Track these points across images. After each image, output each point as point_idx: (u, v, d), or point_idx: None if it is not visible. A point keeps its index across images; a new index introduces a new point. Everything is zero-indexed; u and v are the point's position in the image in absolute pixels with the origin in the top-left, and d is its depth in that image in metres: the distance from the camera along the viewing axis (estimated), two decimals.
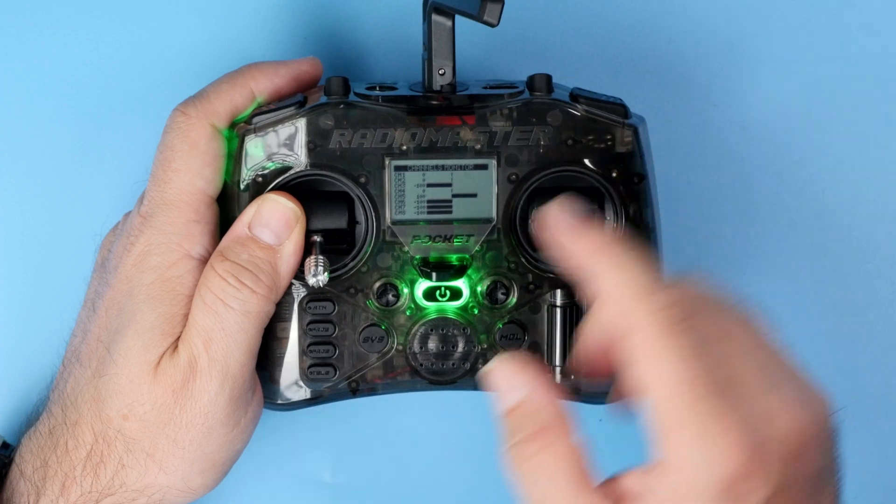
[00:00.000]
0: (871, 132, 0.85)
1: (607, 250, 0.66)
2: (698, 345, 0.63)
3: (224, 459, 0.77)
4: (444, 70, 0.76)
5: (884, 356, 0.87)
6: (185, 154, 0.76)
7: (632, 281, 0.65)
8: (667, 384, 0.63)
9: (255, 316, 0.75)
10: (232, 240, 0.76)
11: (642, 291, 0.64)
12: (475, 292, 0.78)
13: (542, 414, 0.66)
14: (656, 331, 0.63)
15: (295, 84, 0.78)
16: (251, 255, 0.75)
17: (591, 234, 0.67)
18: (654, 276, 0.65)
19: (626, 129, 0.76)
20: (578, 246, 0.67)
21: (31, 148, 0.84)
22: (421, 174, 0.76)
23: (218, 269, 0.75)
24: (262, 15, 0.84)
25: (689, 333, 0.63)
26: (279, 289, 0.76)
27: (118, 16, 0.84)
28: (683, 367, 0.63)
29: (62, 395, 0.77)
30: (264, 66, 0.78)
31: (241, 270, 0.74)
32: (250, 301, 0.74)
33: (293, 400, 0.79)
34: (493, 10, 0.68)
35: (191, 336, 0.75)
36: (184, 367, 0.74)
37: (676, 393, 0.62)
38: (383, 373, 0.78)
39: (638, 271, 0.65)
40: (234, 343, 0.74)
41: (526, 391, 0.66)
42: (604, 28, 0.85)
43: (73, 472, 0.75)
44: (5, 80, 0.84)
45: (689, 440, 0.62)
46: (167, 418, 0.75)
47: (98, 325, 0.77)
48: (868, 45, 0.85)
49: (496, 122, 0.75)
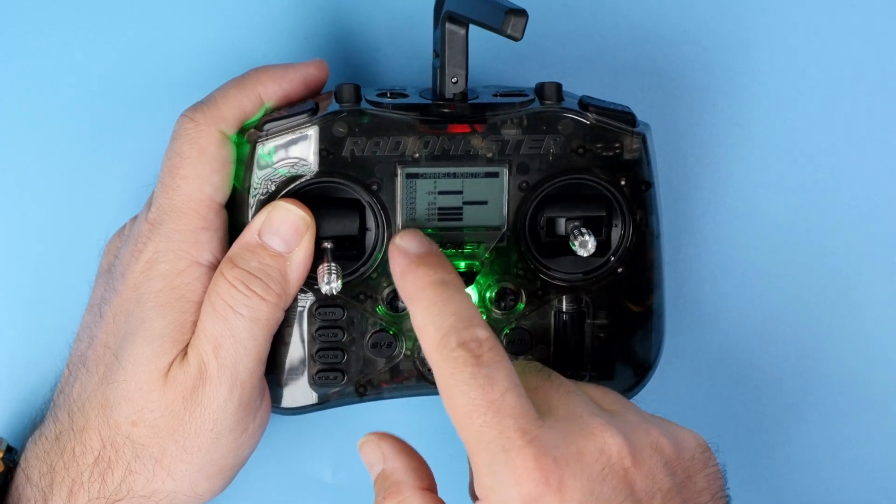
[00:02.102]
0: (871, 132, 0.86)
1: (426, 291, 0.69)
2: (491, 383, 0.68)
3: (232, 465, 0.77)
4: (457, 79, 0.76)
5: (884, 356, 0.87)
6: (194, 161, 0.75)
7: (434, 324, 0.68)
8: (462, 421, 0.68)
9: (264, 323, 0.75)
10: (242, 247, 0.75)
11: (441, 334, 0.68)
12: (484, 298, 0.78)
13: (395, 475, 0.72)
14: (447, 371, 0.68)
15: (303, 87, 0.78)
16: (261, 263, 0.75)
17: (416, 273, 0.70)
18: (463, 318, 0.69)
19: (634, 137, 0.76)
20: (404, 283, 0.71)
21: (36, 152, 0.83)
22: (432, 182, 0.76)
23: (227, 275, 0.74)
24: (271, 20, 0.83)
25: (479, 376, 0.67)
26: (289, 296, 0.76)
27: (125, 19, 0.83)
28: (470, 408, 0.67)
29: (68, 400, 0.77)
30: (272, 69, 0.77)
31: (251, 278, 0.74)
32: (260, 308, 0.74)
33: (300, 405, 0.79)
34: (518, 24, 0.67)
35: (200, 342, 0.75)
36: (193, 374, 0.74)
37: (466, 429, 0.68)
38: (390, 377, 0.78)
39: (442, 315, 0.69)
40: (243, 349, 0.75)
41: (381, 461, 0.73)
42: (605, 30, 0.84)
43: (80, 478, 0.75)
44: (10, 84, 0.83)
45: (489, 466, 0.67)
46: (177, 424, 0.75)
47: (105, 332, 0.77)
48: (868, 45, 0.85)
49: (508, 131, 0.76)
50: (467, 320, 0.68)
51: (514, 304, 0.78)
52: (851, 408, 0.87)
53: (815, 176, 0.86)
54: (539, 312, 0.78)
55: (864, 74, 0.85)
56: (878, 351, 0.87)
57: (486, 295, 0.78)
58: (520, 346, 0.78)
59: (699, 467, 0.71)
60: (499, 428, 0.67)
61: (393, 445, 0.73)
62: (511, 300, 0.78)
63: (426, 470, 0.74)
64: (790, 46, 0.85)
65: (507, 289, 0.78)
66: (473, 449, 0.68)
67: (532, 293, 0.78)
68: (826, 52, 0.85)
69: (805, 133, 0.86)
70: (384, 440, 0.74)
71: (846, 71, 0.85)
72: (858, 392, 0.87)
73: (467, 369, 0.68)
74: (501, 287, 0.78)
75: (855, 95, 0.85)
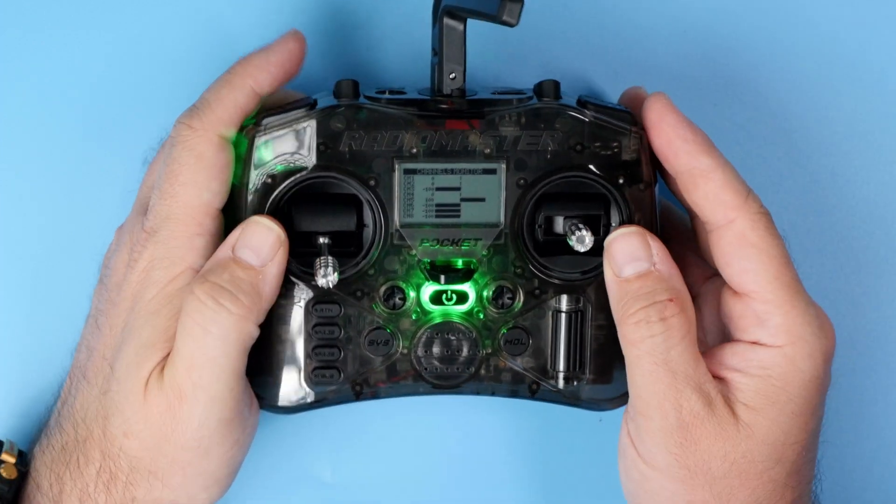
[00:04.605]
0: (871, 132, 0.86)
1: (713, 151, 0.75)
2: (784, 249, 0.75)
3: (226, 474, 0.77)
4: (455, 74, 0.76)
5: (884, 356, 0.87)
6: (192, 167, 0.74)
7: (737, 181, 0.75)
8: (771, 271, 0.74)
9: (235, 338, 0.73)
10: (215, 263, 0.74)
11: (745, 192, 0.74)
12: (481, 297, 0.77)
13: (672, 280, 0.74)
14: (762, 227, 0.74)
15: (288, 64, 0.76)
16: (232, 275, 0.73)
17: (699, 134, 0.75)
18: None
19: (632, 136, 0.76)
20: (686, 143, 0.75)
21: (37, 159, 0.84)
22: (430, 178, 0.76)
23: (197, 291, 0.73)
24: (271, 20, 0.83)
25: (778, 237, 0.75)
26: (261, 310, 0.74)
27: (121, 19, 0.83)
28: (781, 261, 0.74)
29: (72, 411, 0.77)
30: (255, 59, 0.76)
31: (220, 291, 0.73)
32: (228, 323, 0.73)
33: (296, 403, 0.78)
34: (513, 9, 0.67)
35: (174, 362, 0.74)
36: (168, 393, 0.74)
37: (779, 278, 0.74)
38: (387, 377, 0.78)
39: (737, 175, 0.75)
40: (217, 367, 0.73)
41: (654, 260, 0.75)
42: (605, 30, 0.85)
43: (87, 489, 0.75)
44: (5, 86, 0.83)
45: (800, 316, 0.74)
46: (161, 439, 0.74)
47: (103, 343, 0.76)
48: (868, 44, 0.85)
49: (505, 127, 0.75)
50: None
51: (511, 302, 0.77)
52: (851, 409, 0.87)
53: (816, 176, 0.86)
54: (537, 312, 0.78)
55: (864, 74, 0.86)
56: (877, 351, 0.87)
57: (484, 293, 0.77)
58: (517, 345, 0.78)
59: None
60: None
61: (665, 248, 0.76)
62: (508, 298, 0.77)
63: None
64: (790, 46, 0.85)
65: (505, 287, 0.77)
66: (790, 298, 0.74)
67: (529, 292, 0.78)
68: (826, 51, 0.85)
69: (805, 133, 0.86)
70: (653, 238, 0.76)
71: (846, 71, 0.85)
72: (858, 392, 0.87)
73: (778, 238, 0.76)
74: (499, 285, 0.77)
75: (855, 95, 0.86)
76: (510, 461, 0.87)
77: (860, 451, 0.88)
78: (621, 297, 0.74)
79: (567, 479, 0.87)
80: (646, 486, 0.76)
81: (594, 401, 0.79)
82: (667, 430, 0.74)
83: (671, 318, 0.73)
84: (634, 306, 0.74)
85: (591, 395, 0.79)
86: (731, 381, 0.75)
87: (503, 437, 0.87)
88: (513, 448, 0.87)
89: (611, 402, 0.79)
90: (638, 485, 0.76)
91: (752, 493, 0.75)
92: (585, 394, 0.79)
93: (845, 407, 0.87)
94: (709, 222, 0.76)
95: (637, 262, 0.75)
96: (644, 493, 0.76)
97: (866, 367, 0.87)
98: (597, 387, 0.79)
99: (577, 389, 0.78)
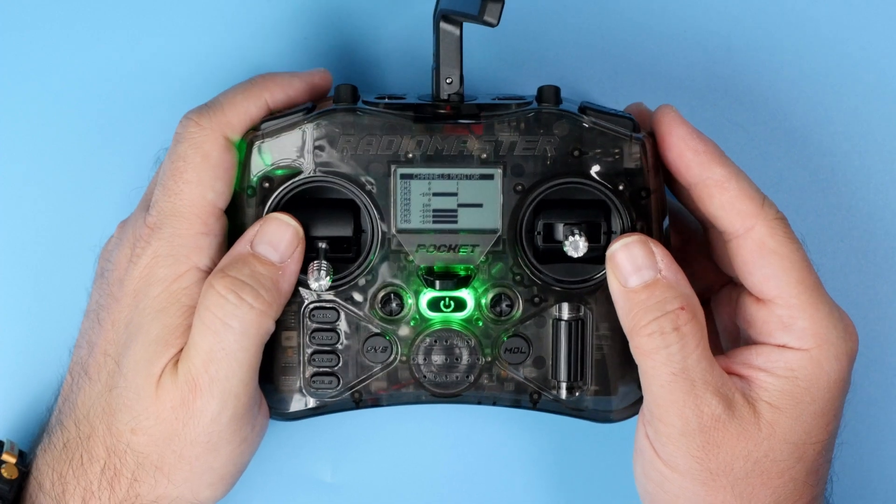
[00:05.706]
0: (871, 132, 0.85)
1: (725, 160, 0.75)
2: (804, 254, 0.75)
3: (232, 472, 0.77)
4: (451, 79, 0.76)
5: (884, 356, 0.87)
6: (198, 165, 0.75)
7: (752, 189, 0.75)
8: (793, 275, 0.74)
9: (255, 333, 0.74)
10: (233, 258, 0.75)
11: (760, 200, 0.74)
12: (480, 304, 0.77)
13: (680, 286, 0.74)
14: (781, 233, 0.74)
15: (308, 96, 0.78)
16: (253, 271, 0.74)
17: (709, 144, 0.75)
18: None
19: (633, 143, 0.75)
20: (698, 154, 0.74)
21: (36, 156, 0.85)
22: (427, 183, 0.76)
23: (217, 286, 0.74)
24: (274, 27, 0.84)
25: (797, 241, 0.75)
26: (279, 306, 0.75)
27: (129, 24, 0.84)
28: (802, 265, 0.74)
29: (73, 408, 0.77)
30: (278, 77, 0.77)
31: (242, 285, 0.73)
32: (249, 317, 0.73)
33: (295, 410, 0.78)
34: (493, 9, 0.68)
35: (190, 356, 0.74)
36: (182, 386, 0.74)
37: (802, 282, 0.74)
38: (387, 384, 0.77)
39: (751, 182, 0.75)
40: (235, 362, 0.74)
41: (659, 266, 0.74)
42: (605, 31, 0.85)
43: (90, 487, 0.75)
44: (10, 88, 0.84)
45: (826, 319, 0.74)
46: (171, 434, 0.74)
47: (105, 339, 0.76)
48: (868, 44, 0.85)
49: (502, 132, 0.75)
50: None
51: (510, 309, 0.77)
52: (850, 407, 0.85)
53: (816, 176, 0.86)
54: (538, 320, 0.77)
55: (864, 74, 0.85)
56: (877, 351, 0.86)
57: (482, 300, 0.77)
58: (517, 354, 0.77)
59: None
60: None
61: (669, 255, 0.75)
62: (507, 306, 0.77)
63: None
64: (790, 47, 0.85)
65: (503, 294, 0.77)
66: (813, 301, 0.74)
67: (529, 300, 0.77)
68: (826, 52, 0.85)
69: (805, 133, 0.85)
70: (657, 245, 0.75)
71: (846, 71, 0.85)
72: (858, 392, 0.86)
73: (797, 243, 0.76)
74: (498, 292, 0.77)
75: (855, 95, 0.85)
76: (511, 462, 0.87)
77: (877, 453, 0.87)
78: (630, 308, 0.74)
79: (569, 484, 0.87)
80: (665, 487, 0.75)
81: (599, 412, 0.78)
82: (688, 434, 0.73)
83: (684, 327, 0.73)
84: (646, 318, 0.73)
85: (595, 406, 0.78)
86: (754, 379, 0.74)
87: (504, 438, 0.87)
88: (514, 450, 0.87)
89: (616, 413, 0.78)
90: (657, 485, 0.75)
91: (774, 492, 0.74)
92: (589, 405, 0.78)
93: (863, 408, 0.87)
94: (726, 232, 0.75)
95: (642, 270, 0.74)
96: (663, 494, 0.75)
97: (865, 366, 0.86)
98: (601, 398, 0.78)
99: (580, 400, 0.78)
